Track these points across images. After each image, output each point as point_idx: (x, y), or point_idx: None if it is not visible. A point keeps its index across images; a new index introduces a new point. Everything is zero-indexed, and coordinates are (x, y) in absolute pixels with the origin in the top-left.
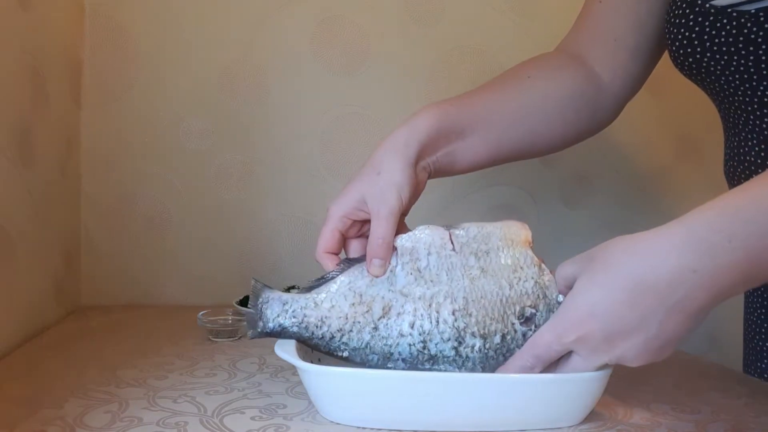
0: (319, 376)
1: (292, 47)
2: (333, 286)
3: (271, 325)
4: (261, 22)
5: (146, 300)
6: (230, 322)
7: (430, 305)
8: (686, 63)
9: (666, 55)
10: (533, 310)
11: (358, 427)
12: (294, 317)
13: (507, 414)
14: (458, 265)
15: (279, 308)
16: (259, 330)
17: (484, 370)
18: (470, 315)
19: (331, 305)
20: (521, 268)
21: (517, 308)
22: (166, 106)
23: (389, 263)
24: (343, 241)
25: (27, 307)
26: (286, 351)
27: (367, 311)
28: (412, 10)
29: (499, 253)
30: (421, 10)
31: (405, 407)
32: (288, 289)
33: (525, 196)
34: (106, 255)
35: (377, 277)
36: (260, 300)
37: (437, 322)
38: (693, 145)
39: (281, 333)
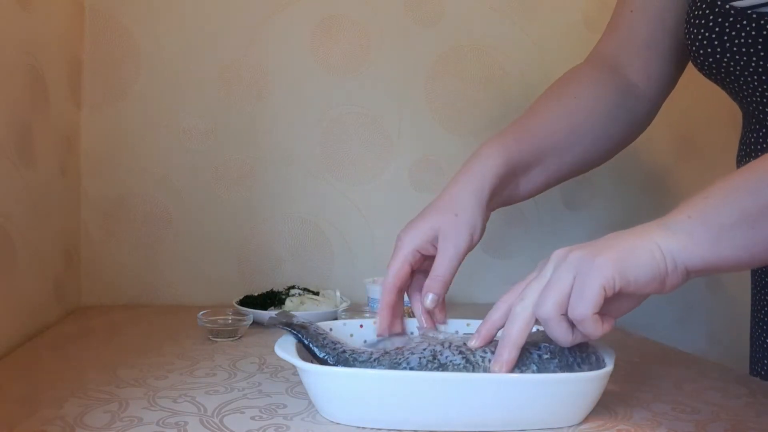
0: (319, 376)
1: (292, 47)
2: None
3: (296, 321)
4: (261, 22)
5: (146, 300)
6: (230, 322)
7: (442, 343)
8: (706, 63)
9: None
10: (547, 345)
11: (358, 427)
12: (317, 334)
13: (508, 414)
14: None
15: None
16: (284, 320)
17: None
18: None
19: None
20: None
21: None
22: (166, 106)
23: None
24: (412, 274)
25: (27, 307)
26: (286, 351)
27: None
28: (412, 10)
29: None
30: (421, 10)
31: (405, 407)
32: (288, 289)
33: None
34: (106, 255)
35: (428, 308)
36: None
37: (449, 344)
38: (693, 146)
39: (301, 329)
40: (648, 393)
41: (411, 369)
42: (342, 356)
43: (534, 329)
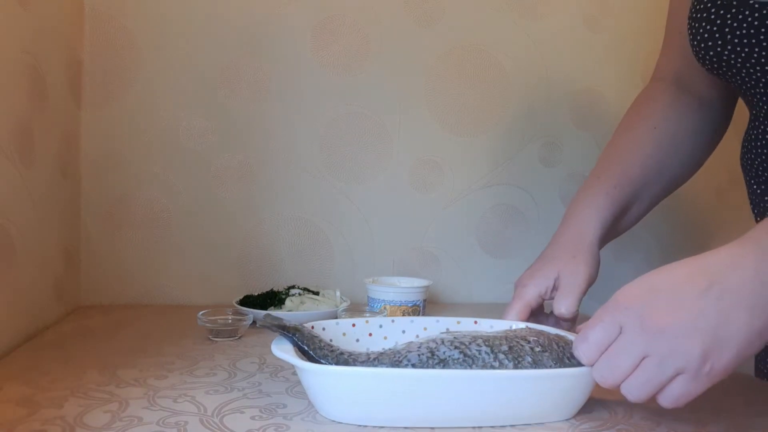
0: (318, 376)
1: (292, 47)
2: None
3: (288, 323)
4: (261, 22)
5: (146, 300)
6: (230, 321)
7: (434, 340)
8: (707, 57)
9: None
10: (536, 339)
11: (358, 426)
12: (312, 336)
13: (506, 409)
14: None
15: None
16: (276, 323)
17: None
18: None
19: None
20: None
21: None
22: (166, 106)
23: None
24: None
25: (27, 307)
26: (284, 350)
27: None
28: (412, 10)
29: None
30: (421, 10)
31: (403, 405)
32: (288, 289)
33: (525, 196)
34: (106, 255)
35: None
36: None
37: (441, 341)
38: None
39: (295, 330)
40: None
41: (412, 366)
42: (341, 357)
43: (523, 325)
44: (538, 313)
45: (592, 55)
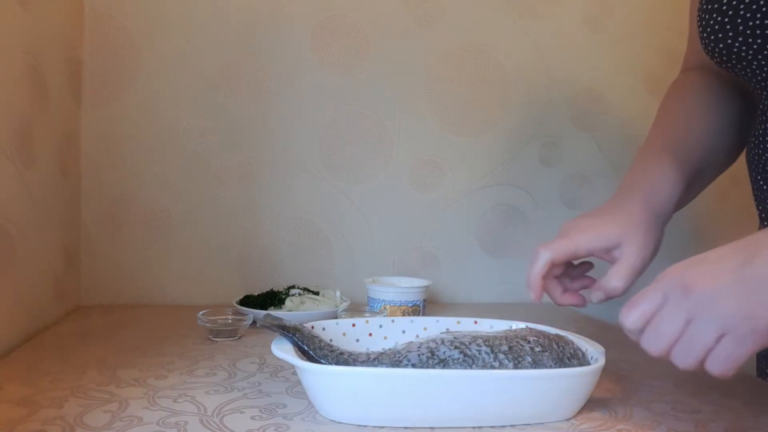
0: (318, 376)
1: (292, 47)
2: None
3: (288, 323)
4: (261, 22)
5: (146, 300)
6: (230, 321)
7: (435, 340)
8: (717, 49)
9: (664, 54)
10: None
11: (358, 426)
12: (312, 336)
13: (506, 409)
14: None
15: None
16: (276, 323)
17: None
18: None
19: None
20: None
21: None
22: (166, 106)
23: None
24: (566, 266)
25: (27, 307)
26: (284, 350)
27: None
28: (412, 10)
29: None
30: (421, 10)
31: (403, 405)
32: (288, 289)
33: (525, 196)
34: (106, 255)
35: (592, 302)
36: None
37: (441, 341)
38: None
39: (295, 330)
40: (648, 393)
41: (412, 366)
42: (341, 357)
43: (523, 325)
44: (567, 266)
45: (592, 55)
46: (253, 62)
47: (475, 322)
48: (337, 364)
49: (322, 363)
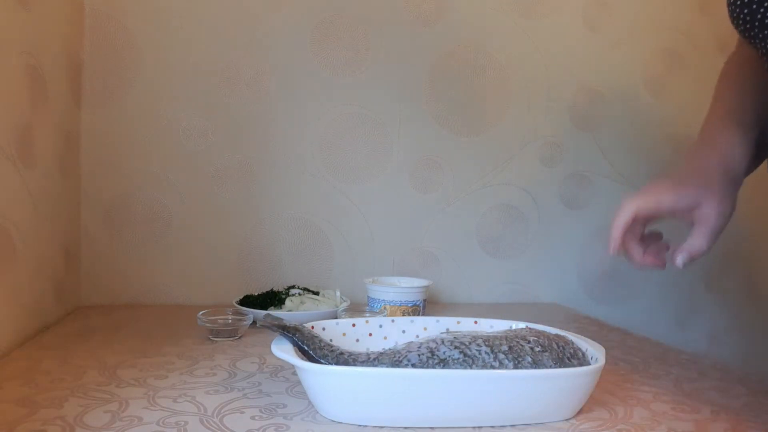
0: (318, 376)
1: (292, 47)
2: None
3: (288, 323)
4: (261, 22)
5: (146, 300)
6: (230, 321)
7: (434, 340)
8: (741, 15)
9: (664, 54)
10: (536, 339)
11: (358, 426)
12: (312, 336)
13: (506, 409)
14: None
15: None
16: (277, 323)
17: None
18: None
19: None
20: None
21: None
22: (166, 106)
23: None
24: (644, 224)
25: (27, 307)
26: (284, 350)
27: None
28: (412, 10)
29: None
30: (421, 10)
31: (403, 405)
32: (288, 289)
33: (525, 196)
34: (106, 255)
35: (676, 265)
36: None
37: (441, 341)
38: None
39: (295, 330)
40: (648, 393)
41: (412, 366)
42: (341, 357)
43: (523, 325)
44: (641, 226)
45: (592, 55)
46: (253, 62)
47: (475, 322)
48: (337, 364)
49: (322, 363)
